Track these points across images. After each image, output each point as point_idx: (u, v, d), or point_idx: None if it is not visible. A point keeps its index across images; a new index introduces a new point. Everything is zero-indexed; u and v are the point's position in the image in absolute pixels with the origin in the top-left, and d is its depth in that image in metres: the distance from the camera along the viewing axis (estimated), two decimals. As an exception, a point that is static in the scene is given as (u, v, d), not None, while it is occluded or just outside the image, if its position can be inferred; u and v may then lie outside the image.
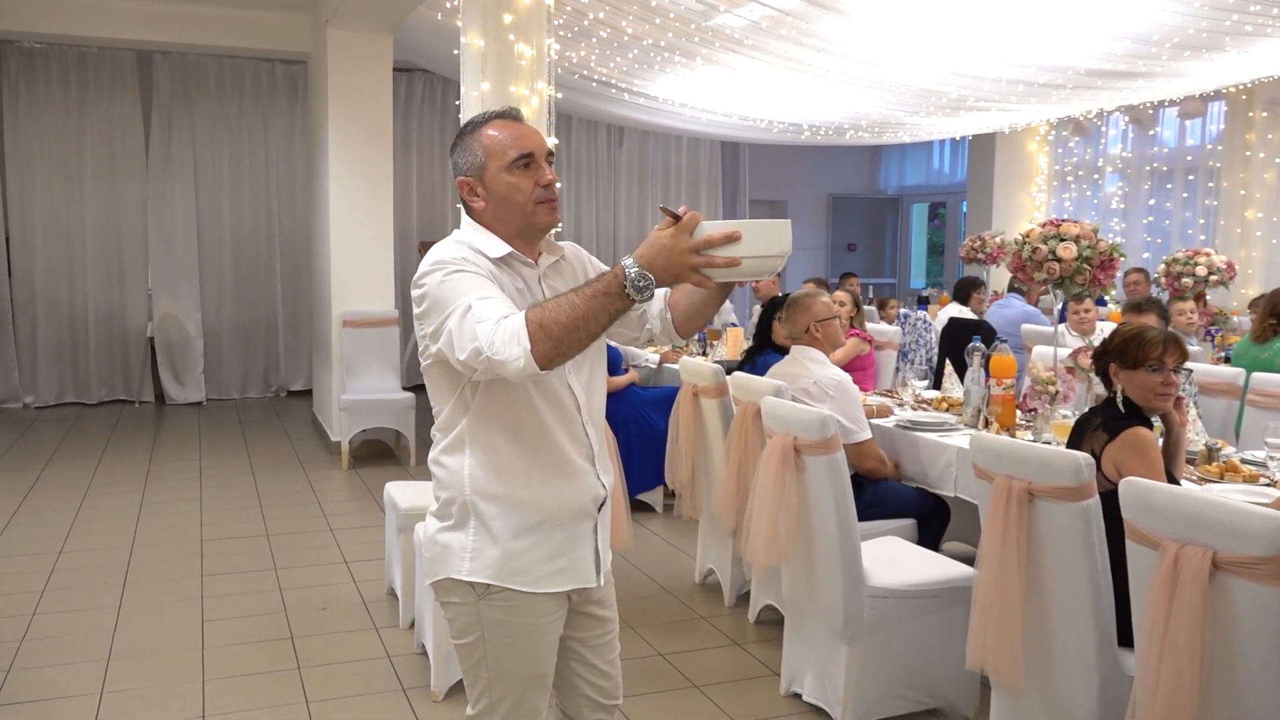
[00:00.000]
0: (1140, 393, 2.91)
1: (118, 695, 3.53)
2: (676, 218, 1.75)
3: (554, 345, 1.72)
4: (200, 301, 9.67)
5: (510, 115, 2.04)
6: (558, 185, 2.05)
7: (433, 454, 2.04)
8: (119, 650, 3.91)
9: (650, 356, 6.68)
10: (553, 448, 1.99)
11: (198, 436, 8.08)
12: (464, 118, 4.79)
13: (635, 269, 1.73)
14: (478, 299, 1.82)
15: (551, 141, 4.81)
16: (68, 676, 3.68)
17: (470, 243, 1.98)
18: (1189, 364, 4.48)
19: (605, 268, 2.12)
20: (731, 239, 1.73)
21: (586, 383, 2.07)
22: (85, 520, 5.68)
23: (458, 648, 2.05)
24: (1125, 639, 2.50)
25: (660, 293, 2.14)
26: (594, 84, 7.96)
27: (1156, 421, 3.16)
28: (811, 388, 3.99)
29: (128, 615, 4.28)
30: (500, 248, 1.98)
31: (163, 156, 9.50)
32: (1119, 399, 2.93)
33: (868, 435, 4.00)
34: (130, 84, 9.36)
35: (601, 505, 2.08)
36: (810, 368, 4.12)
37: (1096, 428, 2.92)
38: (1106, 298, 4.86)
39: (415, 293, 1.94)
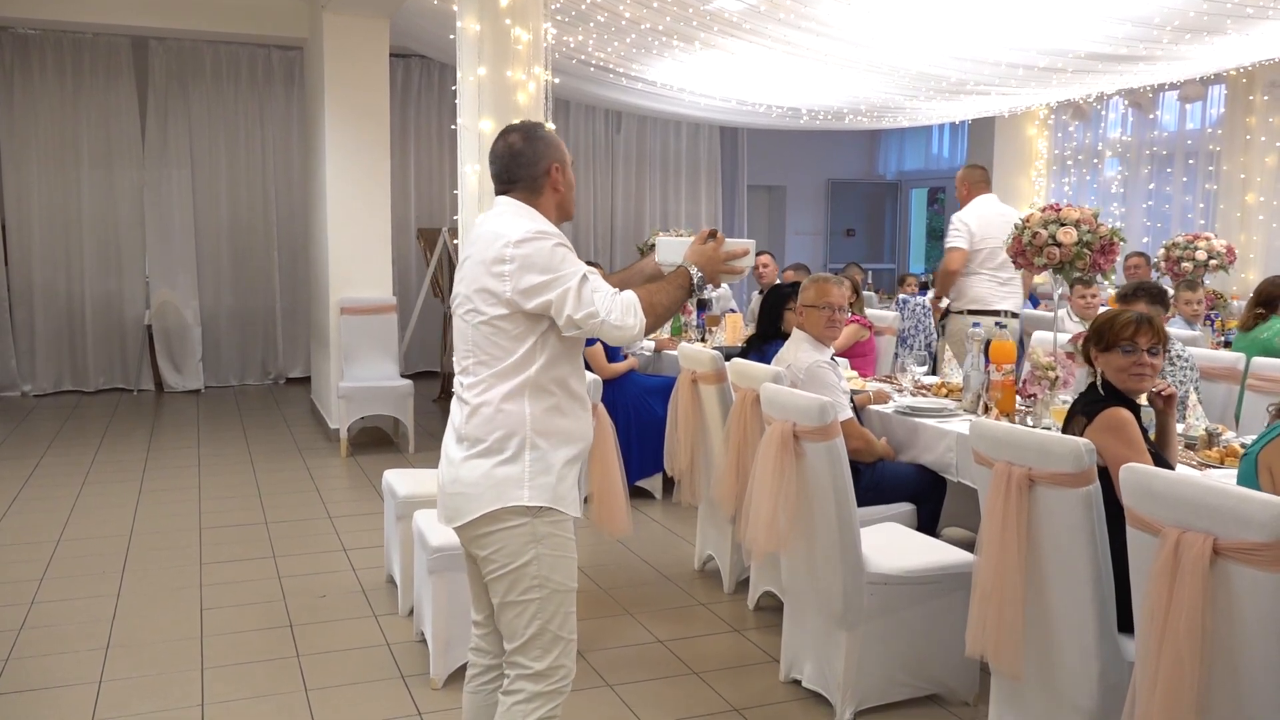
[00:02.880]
0: (1115, 374, 2.95)
1: (117, 684, 3.53)
2: (713, 235, 2.45)
3: (655, 320, 2.31)
4: (198, 289, 9.64)
5: None
6: None
7: (482, 398, 2.31)
8: (118, 638, 3.91)
9: (647, 344, 6.66)
10: (578, 389, 2.40)
11: (196, 424, 8.07)
12: (461, 103, 4.76)
13: (697, 273, 2.41)
14: (588, 272, 2.28)
15: (549, 126, 4.78)
16: (66, 665, 3.68)
17: (545, 223, 2.37)
18: (1191, 349, 4.48)
19: None
20: (746, 251, 2.47)
21: None
22: (84, 509, 5.68)
23: (507, 575, 2.29)
24: (1124, 625, 2.50)
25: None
26: (591, 69, 7.92)
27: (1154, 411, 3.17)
28: (786, 372, 3.97)
29: (126, 604, 4.28)
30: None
31: (159, 143, 9.46)
32: (1099, 382, 2.97)
33: (845, 416, 3.92)
34: (126, 70, 9.31)
35: None
36: (793, 351, 4.11)
37: (1078, 412, 2.97)
38: (1106, 281, 4.83)
39: (517, 251, 2.25)
